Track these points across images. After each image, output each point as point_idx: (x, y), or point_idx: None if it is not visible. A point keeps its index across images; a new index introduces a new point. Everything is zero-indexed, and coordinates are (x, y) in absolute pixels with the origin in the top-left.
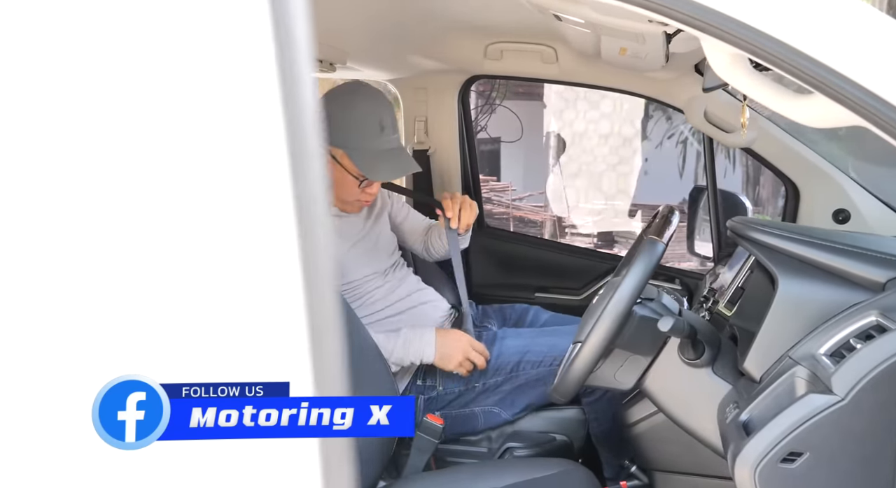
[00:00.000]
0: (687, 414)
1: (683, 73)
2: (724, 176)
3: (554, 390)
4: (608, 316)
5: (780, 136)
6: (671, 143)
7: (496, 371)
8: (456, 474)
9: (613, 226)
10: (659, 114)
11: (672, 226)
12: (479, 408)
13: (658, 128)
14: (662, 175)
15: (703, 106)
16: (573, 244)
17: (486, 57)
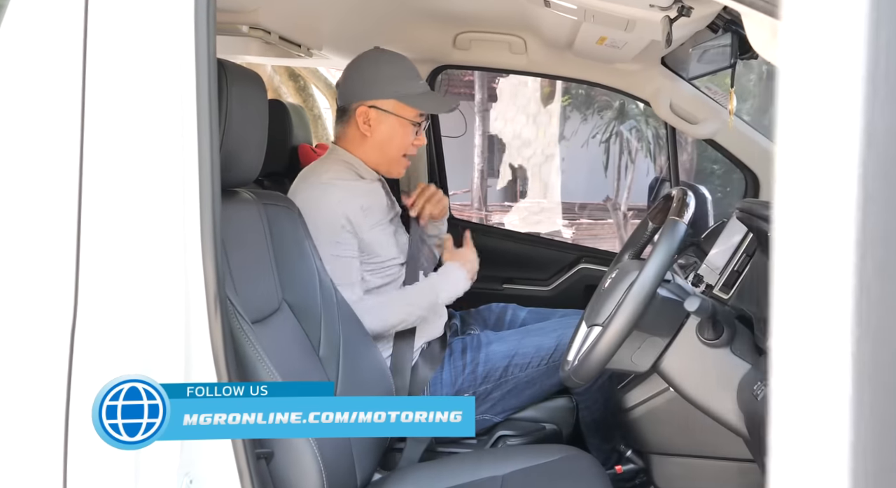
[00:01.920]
0: (705, 394)
1: (649, 65)
2: (646, 174)
3: (574, 374)
4: (634, 299)
5: (742, 128)
6: (595, 143)
7: (485, 378)
8: (456, 463)
9: (535, 226)
10: (577, 114)
11: (690, 207)
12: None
13: (584, 128)
14: (586, 173)
15: (669, 98)
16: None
17: (456, 47)
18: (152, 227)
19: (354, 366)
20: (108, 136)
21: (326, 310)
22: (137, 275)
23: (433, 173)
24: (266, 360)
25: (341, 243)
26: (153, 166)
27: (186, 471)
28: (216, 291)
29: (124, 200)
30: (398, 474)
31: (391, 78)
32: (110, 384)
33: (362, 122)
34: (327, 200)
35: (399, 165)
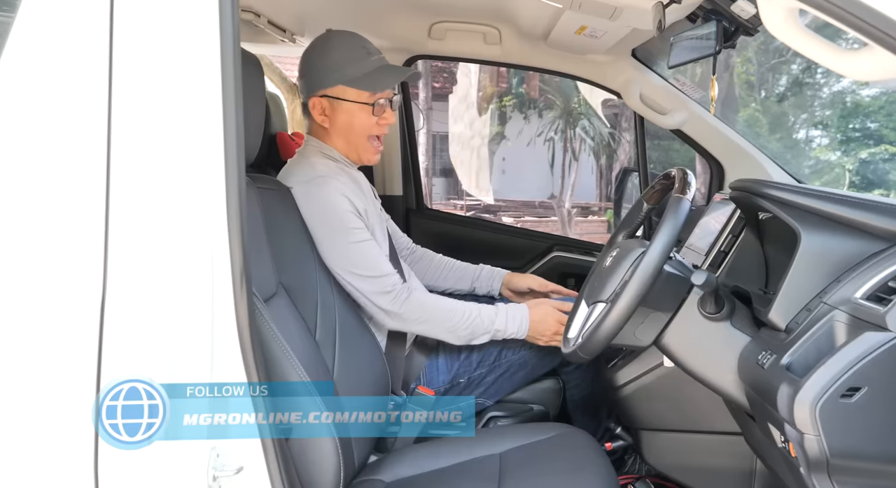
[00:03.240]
0: (706, 366)
1: (620, 57)
2: (590, 172)
3: (580, 349)
4: (641, 274)
5: (708, 119)
6: (539, 141)
7: (479, 363)
8: (452, 444)
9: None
10: (521, 114)
11: (692, 185)
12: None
13: (528, 127)
14: (530, 172)
15: (639, 89)
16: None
17: (431, 36)
18: (179, 207)
19: (350, 352)
20: (134, 121)
21: (322, 293)
22: (164, 252)
23: (406, 162)
24: (281, 338)
25: (355, 228)
26: (179, 146)
27: (213, 446)
28: (242, 267)
29: (151, 178)
30: (395, 455)
31: (336, 63)
32: (109, 385)
33: (318, 113)
34: (329, 191)
35: (368, 151)
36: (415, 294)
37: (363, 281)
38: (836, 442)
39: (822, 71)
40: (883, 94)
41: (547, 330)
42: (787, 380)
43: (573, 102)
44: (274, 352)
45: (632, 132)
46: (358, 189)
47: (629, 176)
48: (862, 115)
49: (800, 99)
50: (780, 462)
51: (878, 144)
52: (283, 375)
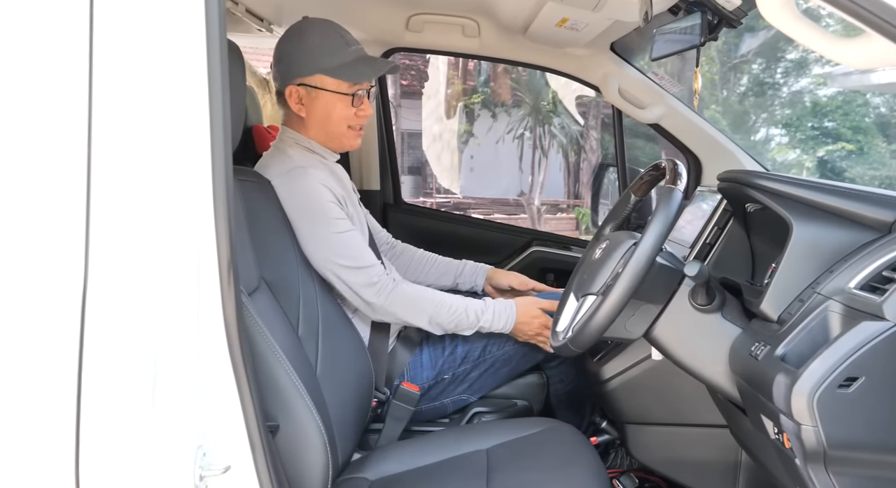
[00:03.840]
0: (697, 358)
1: (599, 51)
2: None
3: (571, 343)
4: (634, 266)
5: (686, 113)
6: (508, 139)
7: (464, 359)
8: (437, 440)
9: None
10: (490, 111)
11: (683, 175)
12: (450, 399)
13: (497, 125)
14: (499, 169)
15: (618, 83)
16: (487, 220)
17: (408, 29)
18: (163, 197)
19: (333, 347)
20: (115, 110)
21: (305, 288)
22: (148, 245)
23: (384, 156)
24: (267, 334)
25: (338, 218)
26: (163, 135)
27: (199, 444)
28: (229, 260)
29: (134, 168)
30: (380, 452)
31: (314, 51)
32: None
33: (295, 102)
34: (309, 181)
35: (349, 138)
36: (400, 285)
37: (348, 272)
38: (834, 432)
39: (782, 70)
40: (840, 93)
41: (530, 329)
42: (784, 371)
43: (542, 100)
44: (260, 347)
45: (598, 130)
46: (338, 180)
47: (606, 171)
48: (820, 115)
49: (760, 98)
50: (770, 454)
51: (836, 142)
52: (269, 371)
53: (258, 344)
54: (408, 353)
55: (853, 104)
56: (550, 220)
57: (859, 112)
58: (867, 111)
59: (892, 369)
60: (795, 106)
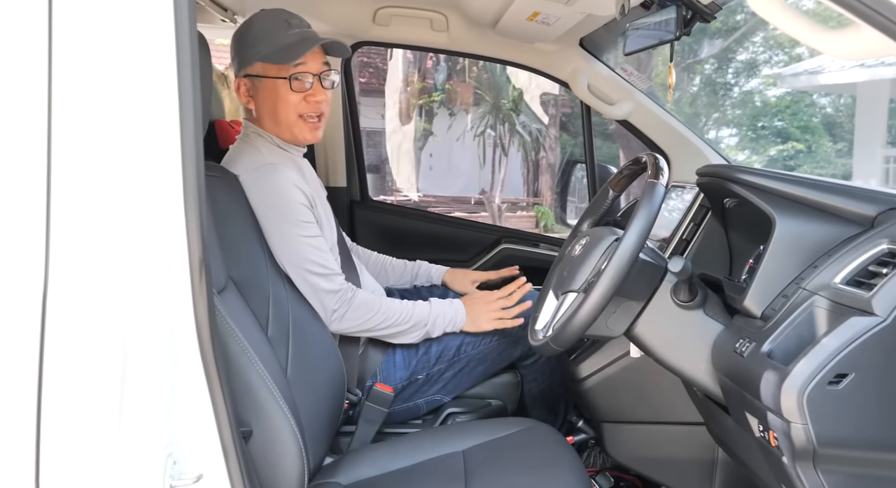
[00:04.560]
0: (678, 355)
1: (568, 46)
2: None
3: (553, 341)
4: (618, 263)
5: (654, 109)
6: (468, 137)
7: (438, 358)
8: (411, 442)
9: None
10: (446, 110)
11: (665, 170)
12: (423, 400)
13: (457, 123)
14: (460, 168)
15: (587, 79)
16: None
17: (375, 22)
18: (130, 192)
19: (304, 348)
20: (77, 98)
21: (274, 287)
22: (114, 241)
23: (349, 151)
24: (238, 334)
25: (306, 222)
26: (129, 125)
27: (170, 453)
28: (201, 257)
29: (98, 160)
30: (352, 456)
31: (253, 39)
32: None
33: (243, 95)
34: (279, 180)
35: (302, 129)
36: (359, 293)
37: (311, 277)
38: (824, 430)
39: (733, 71)
40: (788, 93)
41: (487, 313)
42: (772, 368)
43: (502, 98)
44: (231, 348)
45: (557, 128)
46: (307, 179)
47: (574, 167)
48: (770, 114)
49: (712, 99)
50: (753, 452)
51: (786, 142)
52: (241, 373)
53: (229, 345)
54: (380, 353)
55: (801, 104)
56: (511, 219)
57: (807, 112)
58: (814, 111)
59: (881, 365)
60: (746, 106)
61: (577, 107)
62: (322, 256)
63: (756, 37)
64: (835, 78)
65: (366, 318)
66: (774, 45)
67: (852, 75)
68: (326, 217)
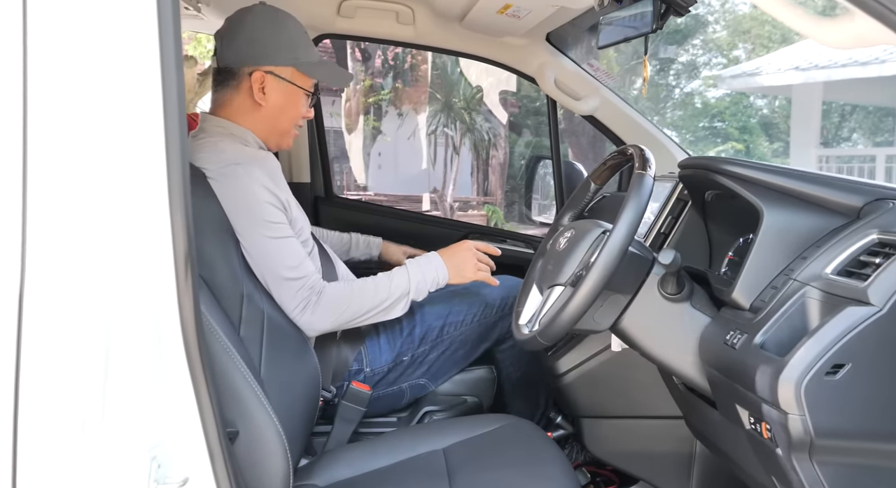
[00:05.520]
0: (665, 348)
1: (535, 41)
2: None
3: (540, 335)
4: (608, 255)
5: (620, 105)
6: (420, 136)
7: (422, 340)
8: (389, 441)
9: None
10: (398, 109)
11: (652, 161)
12: (407, 383)
13: (409, 121)
14: (411, 166)
15: (554, 74)
16: (426, 213)
17: (340, 14)
18: (113, 184)
19: (279, 347)
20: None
21: (247, 286)
22: (97, 233)
23: (313, 147)
24: (220, 333)
25: (276, 222)
26: (110, 112)
27: (154, 455)
28: (186, 251)
29: (77, 151)
30: (329, 457)
31: (290, 42)
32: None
33: (258, 89)
34: (247, 180)
35: (289, 137)
36: (327, 289)
37: (280, 280)
38: (821, 420)
39: (675, 72)
40: (727, 95)
41: (468, 262)
42: (766, 360)
43: (454, 97)
44: (214, 348)
45: (506, 128)
46: (278, 173)
47: (538, 164)
48: (710, 115)
49: (654, 101)
50: (740, 444)
51: (725, 142)
52: (226, 373)
53: (211, 344)
54: (351, 349)
55: (740, 105)
56: (462, 217)
57: (746, 113)
58: (752, 112)
59: (878, 355)
60: (687, 108)
61: (525, 106)
62: (292, 257)
63: (696, 39)
64: (771, 80)
65: (341, 311)
66: (714, 47)
67: (788, 78)
68: (303, 215)
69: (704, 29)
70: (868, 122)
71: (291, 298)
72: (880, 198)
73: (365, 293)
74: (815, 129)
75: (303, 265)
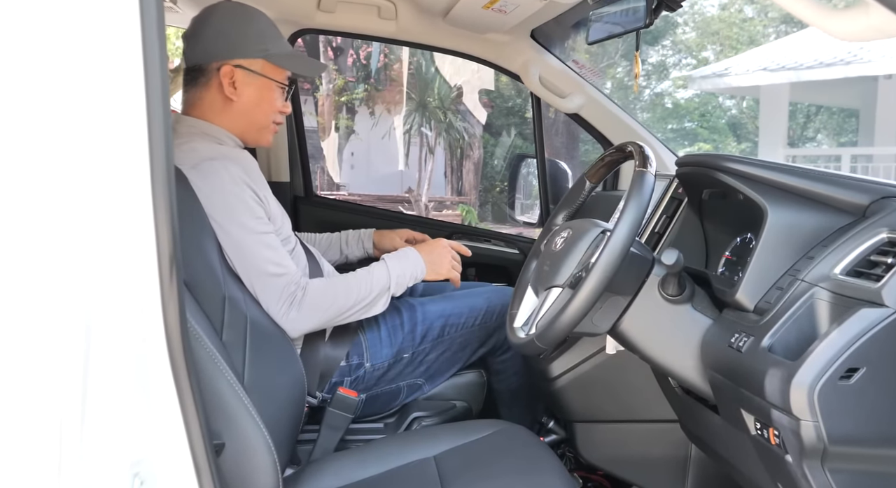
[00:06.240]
0: (666, 351)
1: (519, 38)
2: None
3: (538, 339)
4: (610, 256)
5: (605, 103)
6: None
7: (423, 338)
8: (378, 449)
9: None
10: (373, 108)
11: (652, 158)
12: (405, 382)
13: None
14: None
15: (538, 71)
16: (408, 213)
17: (320, 8)
18: (92, 180)
19: (263, 352)
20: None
21: (229, 288)
22: (73, 233)
23: (293, 144)
24: (204, 338)
25: (255, 217)
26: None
27: (136, 472)
28: (171, 253)
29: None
30: (315, 466)
31: (259, 35)
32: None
33: (228, 84)
34: (220, 179)
35: (268, 132)
36: (311, 286)
37: (263, 276)
38: (835, 427)
39: (644, 74)
40: (697, 95)
41: (443, 260)
42: (777, 364)
43: (429, 97)
44: (199, 355)
45: (480, 128)
46: (254, 168)
47: (523, 162)
48: (679, 116)
49: (623, 102)
50: (743, 450)
51: (694, 142)
52: (211, 382)
53: (196, 351)
54: (340, 352)
55: (709, 105)
56: (437, 217)
57: (715, 113)
58: (721, 112)
59: (893, 358)
60: (656, 109)
61: (498, 106)
62: (274, 254)
63: (666, 40)
64: (740, 81)
65: (326, 307)
66: (683, 48)
67: (756, 78)
68: (282, 213)
69: (674, 30)
70: (832, 122)
71: (277, 296)
72: (887, 197)
73: (349, 288)
74: (782, 130)
75: (286, 261)
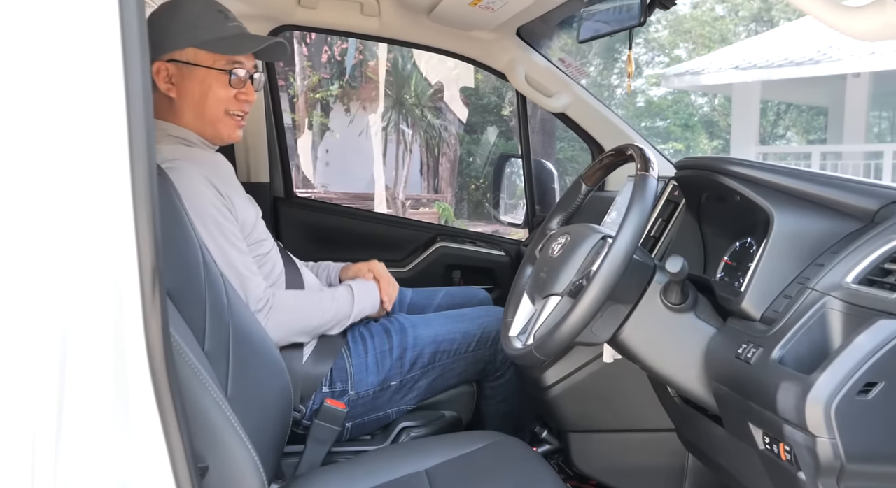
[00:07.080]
0: (668, 361)
1: (505, 36)
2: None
3: (537, 349)
4: (612, 263)
5: (592, 102)
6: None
7: (412, 365)
8: (367, 462)
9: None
10: (349, 106)
11: (654, 161)
12: (394, 409)
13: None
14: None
15: (524, 70)
16: (389, 214)
17: (301, 4)
18: (70, 187)
19: (247, 363)
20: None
21: (211, 295)
22: (50, 242)
23: (272, 143)
24: (188, 352)
25: (223, 224)
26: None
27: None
28: (153, 263)
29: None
30: (301, 482)
31: (187, 23)
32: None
33: (164, 81)
34: (188, 180)
35: (227, 126)
36: (277, 293)
37: (234, 282)
38: (853, 444)
39: (617, 72)
40: (670, 93)
41: (390, 298)
42: (791, 378)
43: (406, 94)
44: (183, 371)
45: (457, 125)
46: (220, 169)
47: (506, 162)
48: (652, 114)
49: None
50: (748, 464)
51: (667, 141)
52: (196, 400)
53: (180, 367)
54: (324, 365)
55: (682, 103)
56: (414, 215)
57: (687, 111)
58: (694, 110)
59: None
60: (629, 107)
61: (474, 104)
62: (242, 259)
63: (638, 38)
64: (713, 79)
65: (294, 318)
66: (656, 46)
67: (728, 77)
68: (255, 210)
69: (647, 28)
70: (802, 120)
71: (250, 295)
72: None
73: (312, 308)
74: (754, 127)
75: (253, 267)
